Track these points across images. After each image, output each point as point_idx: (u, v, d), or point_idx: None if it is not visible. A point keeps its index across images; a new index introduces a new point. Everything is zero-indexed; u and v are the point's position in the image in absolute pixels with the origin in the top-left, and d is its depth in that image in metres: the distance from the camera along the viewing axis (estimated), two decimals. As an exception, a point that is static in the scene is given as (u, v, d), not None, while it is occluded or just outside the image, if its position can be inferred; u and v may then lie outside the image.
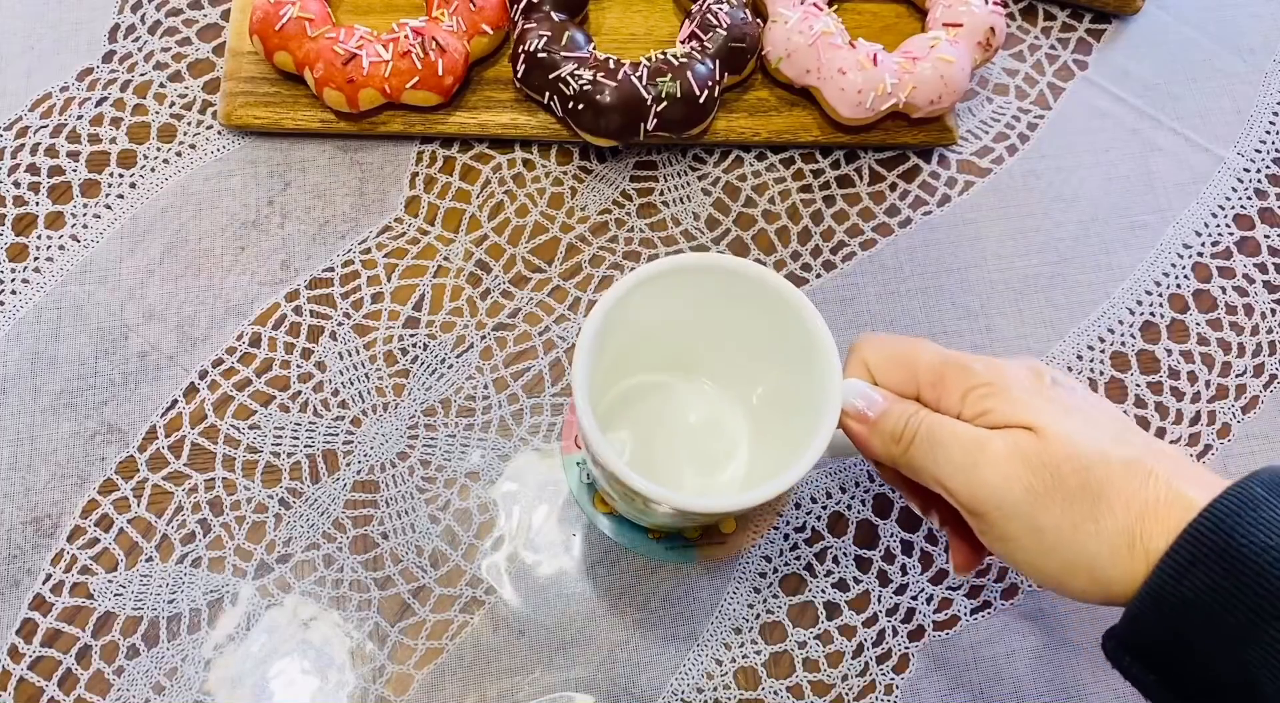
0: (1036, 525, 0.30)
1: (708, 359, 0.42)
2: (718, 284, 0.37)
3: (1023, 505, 0.31)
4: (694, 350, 0.42)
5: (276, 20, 0.46)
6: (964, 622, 0.43)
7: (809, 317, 0.36)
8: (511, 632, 0.42)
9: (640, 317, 0.37)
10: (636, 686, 0.41)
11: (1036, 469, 0.30)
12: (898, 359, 0.35)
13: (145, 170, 0.48)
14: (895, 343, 0.35)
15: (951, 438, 0.32)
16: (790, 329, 0.36)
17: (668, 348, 0.41)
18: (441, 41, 0.46)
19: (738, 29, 0.48)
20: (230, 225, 0.47)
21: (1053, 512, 0.30)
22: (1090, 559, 0.30)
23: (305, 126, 0.48)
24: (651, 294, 0.37)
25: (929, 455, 0.33)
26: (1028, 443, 0.31)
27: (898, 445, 0.33)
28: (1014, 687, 0.42)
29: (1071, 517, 0.30)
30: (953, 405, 0.33)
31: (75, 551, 0.42)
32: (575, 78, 0.46)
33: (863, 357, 0.35)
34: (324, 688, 0.40)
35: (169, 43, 0.51)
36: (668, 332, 0.40)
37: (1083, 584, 0.31)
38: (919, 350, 0.35)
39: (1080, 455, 0.30)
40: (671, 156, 0.50)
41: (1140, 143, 0.53)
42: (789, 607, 0.43)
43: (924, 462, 0.33)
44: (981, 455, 0.31)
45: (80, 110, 0.49)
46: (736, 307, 0.38)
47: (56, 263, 0.46)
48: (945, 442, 0.32)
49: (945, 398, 0.33)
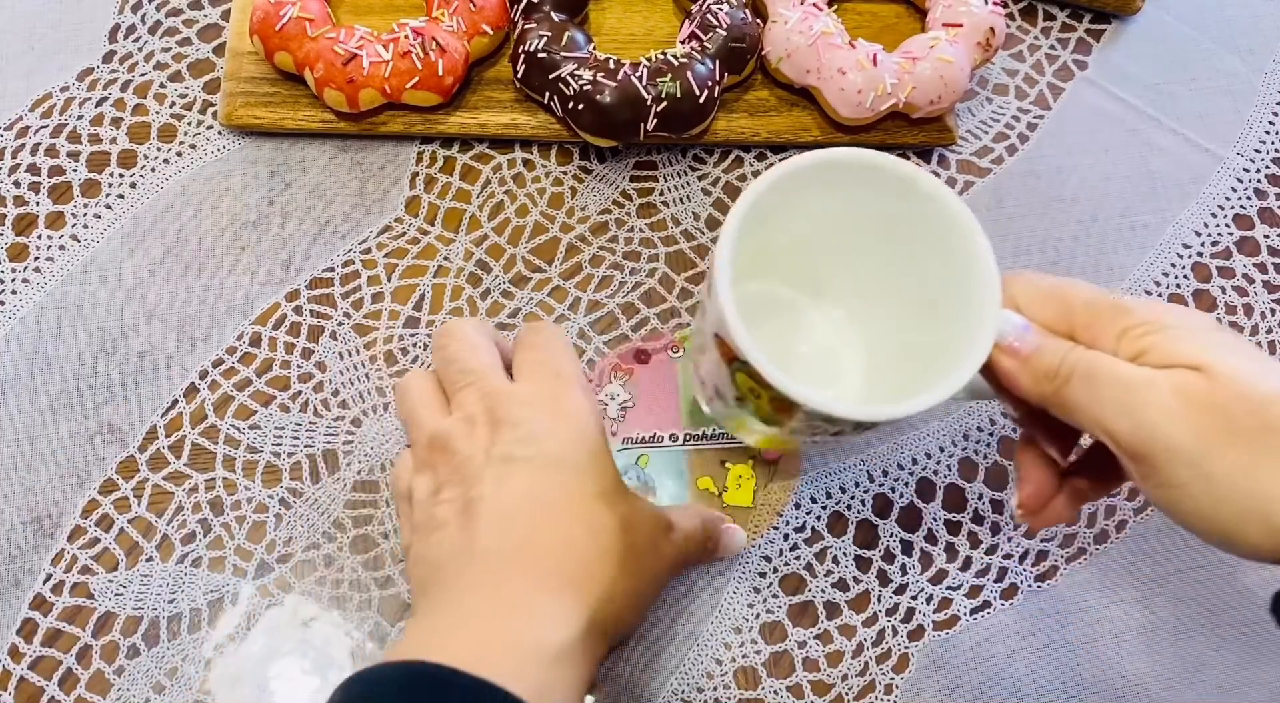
0: (1207, 471, 0.28)
1: (835, 279, 0.40)
2: (866, 188, 0.35)
3: (1193, 449, 0.28)
4: (822, 269, 0.40)
5: (277, 20, 0.46)
6: (964, 622, 0.43)
7: (970, 232, 0.33)
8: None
9: (778, 216, 0.35)
10: (636, 685, 0.41)
11: (1207, 409, 0.28)
12: (1050, 295, 0.33)
13: (145, 170, 0.48)
14: (1047, 279, 0.34)
15: (1112, 377, 0.30)
16: (942, 245, 0.34)
17: (796, 262, 0.39)
18: (442, 42, 0.47)
19: (738, 29, 0.48)
20: (230, 225, 0.47)
21: (1227, 455, 0.28)
22: (1267, 504, 0.28)
23: (305, 127, 0.48)
24: (795, 190, 0.34)
25: (1088, 395, 0.31)
26: (1195, 382, 0.29)
27: (1051, 383, 0.32)
28: (1014, 687, 0.42)
29: (1247, 459, 0.28)
30: (1109, 345, 0.31)
31: (75, 550, 0.42)
32: (575, 78, 0.46)
33: (1012, 292, 0.33)
34: (324, 688, 0.40)
35: (169, 43, 0.51)
36: (799, 244, 0.38)
37: (1257, 535, 0.28)
38: (1073, 287, 0.33)
39: (1254, 394, 0.28)
40: (671, 157, 0.50)
41: (1140, 143, 0.53)
42: (789, 606, 0.43)
43: (1082, 401, 0.31)
44: (1147, 395, 0.29)
45: (80, 110, 0.49)
46: (880, 219, 0.36)
47: (57, 263, 0.46)
48: (1106, 380, 0.30)
49: (1101, 337, 0.31)
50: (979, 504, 0.45)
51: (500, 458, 0.33)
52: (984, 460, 0.46)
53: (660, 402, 0.45)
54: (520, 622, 0.30)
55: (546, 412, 0.34)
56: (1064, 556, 0.44)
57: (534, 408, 0.34)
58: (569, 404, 0.34)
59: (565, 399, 0.34)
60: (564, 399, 0.34)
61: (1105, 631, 0.43)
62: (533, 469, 0.32)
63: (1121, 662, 0.43)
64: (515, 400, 0.34)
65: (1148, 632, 0.43)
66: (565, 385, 0.35)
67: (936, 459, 0.46)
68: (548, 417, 0.34)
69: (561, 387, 0.35)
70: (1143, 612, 0.44)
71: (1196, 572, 0.45)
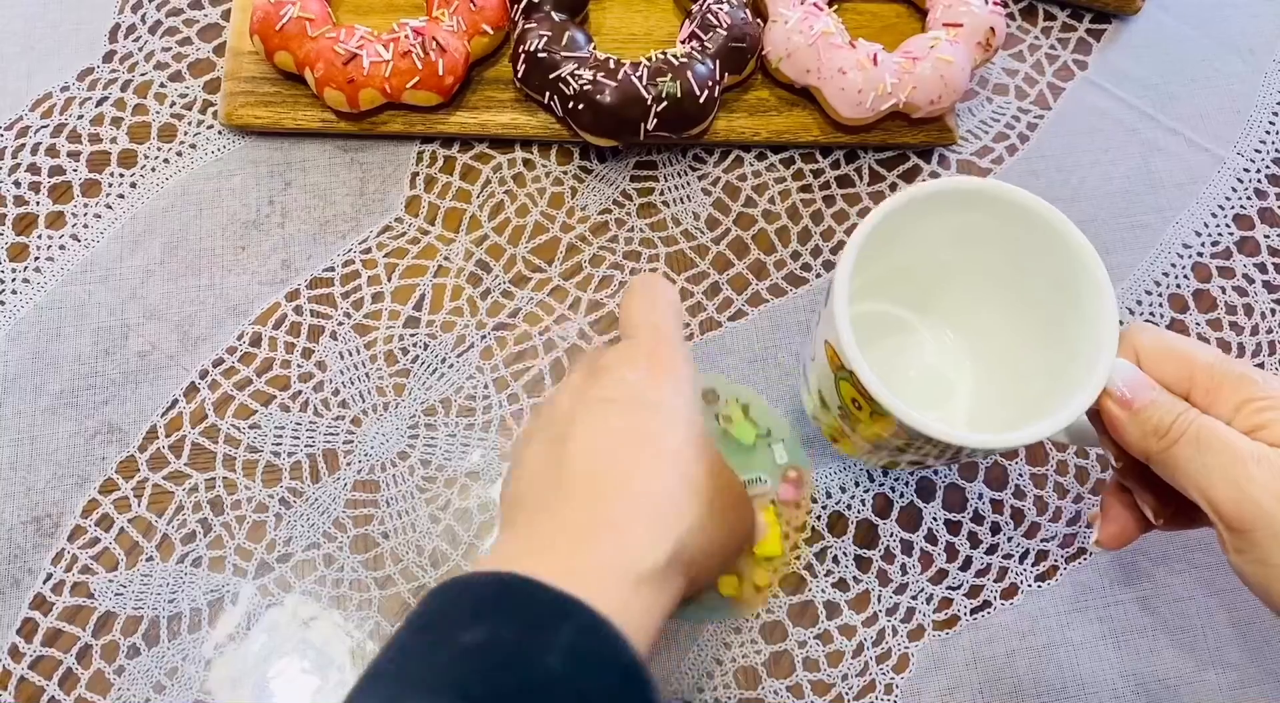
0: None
1: (949, 304, 0.40)
2: (989, 216, 0.35)
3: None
4: (937, 292, 0.40)
5: (277, 20, 0.46)
6: (964, 622, 0.43)
7: (1094, 270, 0.34)
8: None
9: (900, 238, 0.35)
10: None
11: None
12: (1173, 353, 0.33)
13: (146, 170, 0.48)
14: (1173, 337, 0.34)
15: (1225, 447, 0.30)
16: (1062, 281, 0.34)
17: (912, 284, 0.39)
18: (442, 41, 0.47)
19: (738, 29, 0.48)
20: (231, 225, 0.47)
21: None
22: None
23: (306, 126, 0.48)
24: (919, 214, 0.35)
25: (1195, 460, 0.31)
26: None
27: (1160, 441, 0.32)
28: (1013, 686, 0.42)
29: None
30: (1225, 413, 0.31)
31: (76, 550, 0.42)
32: (575, 78, 0.46)
33: (1135, 342, 0.33)
34: (324, 688, 0.40)
35: (169, 42, 0.51)
36: (916, 265, 0.38)
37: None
38: (1199, 349, 0.33)
39: None
40: (671, 156, 0.50)
41: (1140, 143, 0.53)
42: (789, 606, 0.43)
43: (1187, 465, 0.31)
44: (1255, 471, 0.30)
45: (81, 110, 0.49)
46: (1000, 248, 0.36)
47: (57, 262, 0.46)
48: (1217, 449, 0.30)
49: (1219, 404, 0.32)
50: (979, 504, 0.45)
51: (593, 400, 0.33)
52: (984, 461, 0.46)
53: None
54: (608, 542, 0.30)
55: (642, 362, 0.34)
56: (1064, 555, 0.44)
57: (628, 357, 0.34)
58: (663, 356, 0.34)
59: (659, 352, 0.34)
60: (658, 352, 0.34)
61: (1105, 631, 0.43)
62: (623, 409, 0.32)
63: (1122, 662, 0.43)
64: (612, 352, 0.35)
65: (1148, 632, 0.43)
66: (661, 339, 0.35)
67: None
68: (643, 365, 0.34)
69: (658, 340, 0.35)
70: (1143, 612, 0.44)
71: (1197, 572, 0.45)
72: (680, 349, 0.35)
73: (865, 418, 0.34)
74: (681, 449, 0.32)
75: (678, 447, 0.32)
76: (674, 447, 0.32)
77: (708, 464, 0.33)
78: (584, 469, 0.31)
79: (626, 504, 0.30)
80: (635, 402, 0.33)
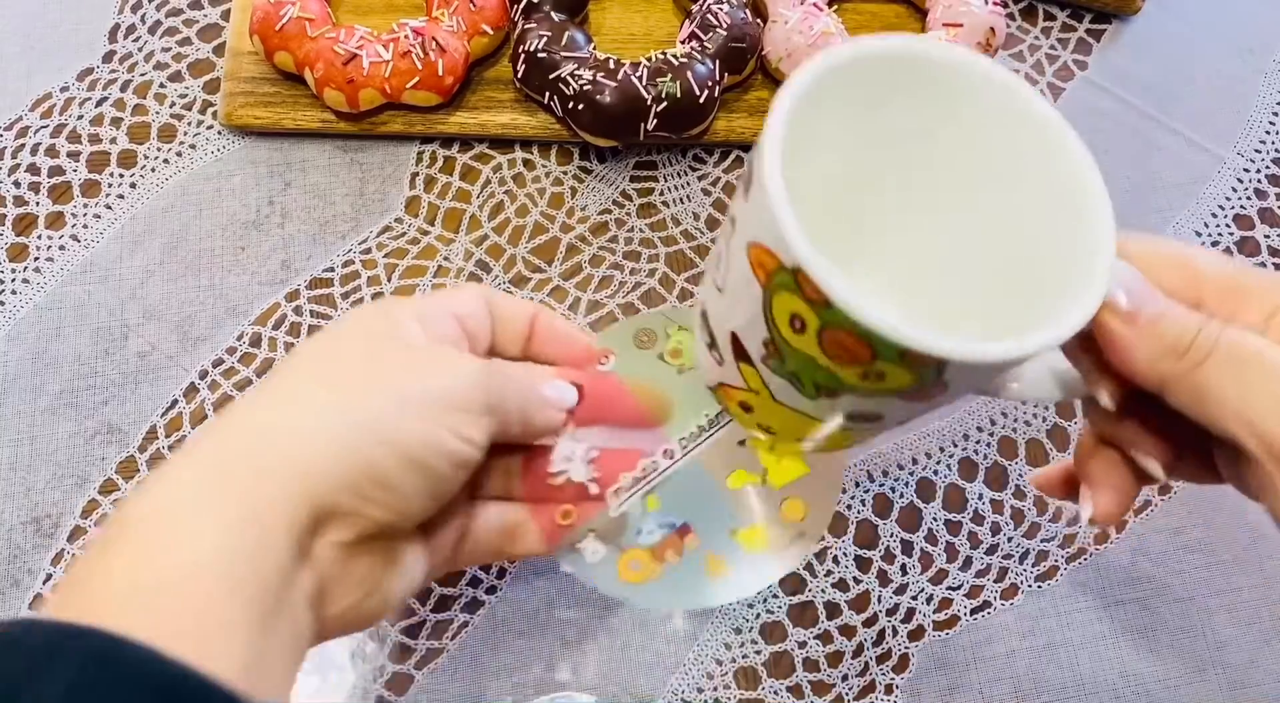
0: None
1: (897, 217, 0.31)
2: (939, 96, 0.27)
3: None
4: (879, 200, 0.31)
5: (277, 20, 0.46)
6: (964, 622, 0.43)
7: (1079, 159, 0.26)
8: (512, 632, 0.42)
9: (827, 129, 0.27)
10: (637, 686, 0.41)
11: None
12: (1173, 261, 0.27)
13: (145, 170, 0.48)
14: (1168, 242, 0.28)
15: (1268, 363, 0.24)
16: (1039, 176, 0.27)
17: (848, 191, 0.30)
18: (441, 42, 0.47)
19: (738, 29, 0.48)
20: (230, 225, 0.47)
21: None
22: None
23: (305, 126, 0.48)
24: (851, 92, 0.27)
25: (1234, 381, 0.25)
26: None
27: (1179, 361, 0.25)
28: (1014, 687, 0.42)
29: None
30: (1254, 322, 0.26)
31: (75, 550, 0.42)
32: (575, 78, 0.46)
33: (1126, 251, 0.27)
34: (324, 688, 0.40)
35: (169, 43, 0.51)
36: (845, 173, 0.29)
37: None
38: (1200, 253, 0.27)
39: None
40: (671, 157, 0.50)
41: (1140, 143, 0.53)
42: (789, 607, 0.43)
43: (1220, 389, 0.25)
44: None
45: (80, 110, 0.49)
46: (957, 137, 0.28)
47: (57, 263, 0.46)
48: (1258, 366, 0.24)
49: (1243, 313, 0.26)
50: (979, 504, 0.45)
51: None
52: (984, 461, 0.46)
53: (624, 423, 0.35)
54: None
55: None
56: (1064, 556, 0.44)
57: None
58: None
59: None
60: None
61: (1106, 631, 0.43)
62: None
63: (1123, 662, 0.43)
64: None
65: (1149, 632, 0.43)
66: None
67: (936, 459, 0.46)
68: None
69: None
70: (1144, 612, 0.44)
71: (1198, 572, 0.44)
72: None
73: (808, 343, 0.25)
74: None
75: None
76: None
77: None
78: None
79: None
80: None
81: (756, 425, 0.31)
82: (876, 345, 0.23)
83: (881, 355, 0.24)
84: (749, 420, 0.31)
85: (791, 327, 0.25)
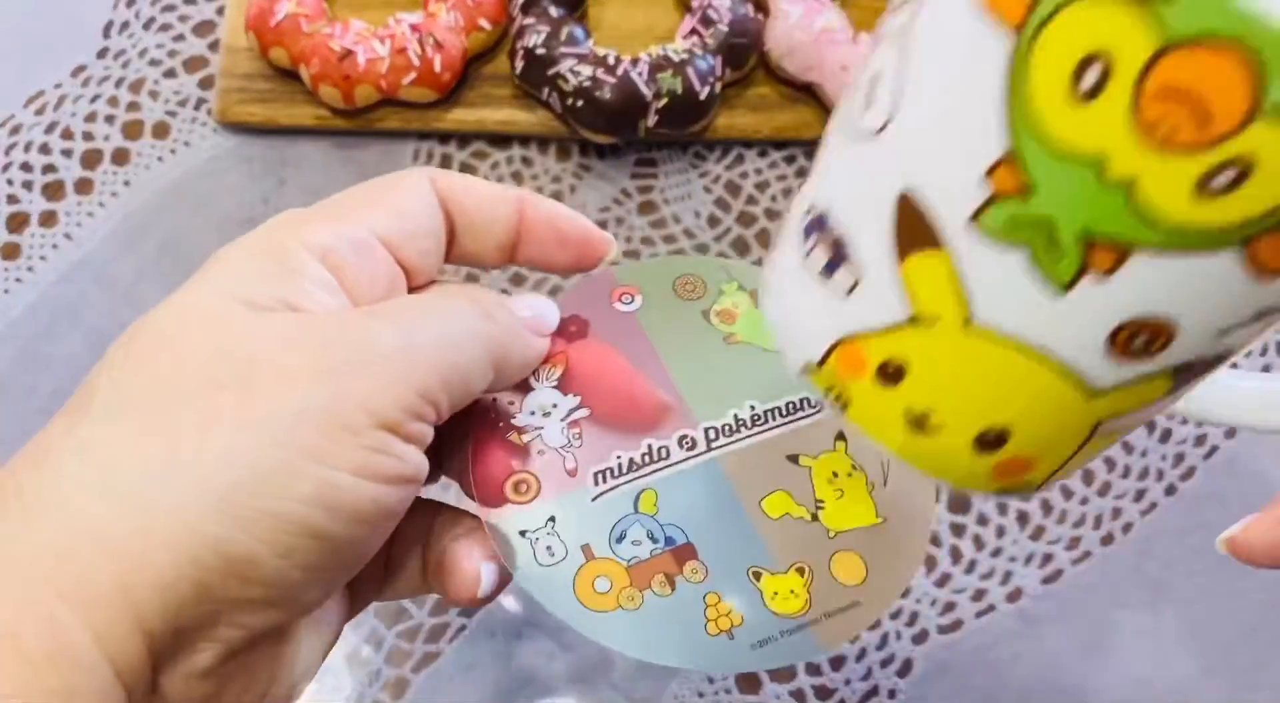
0: None
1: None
2: None
3: None
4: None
5: (272, 16, 0.46)
6: (968, 625, 0.43)
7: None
8: (509, 635, 0.41)
9: None
10: (637, 689, 0.41)
11: None
12: None
13: (139, 168, 0.48)
14: None
15: None
16: None
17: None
18: (439, 37, 0.46)
19: (739, 24, 0.48)
20: (225, 224, 0.47)
21: None
22: None
23: (301, 123, 0.48)
24: None
25: None
26: None
27: None
28: (1019, 691, 0.42)
29: None
30: None
31: (68, 553, 0.41)
32: (574, 74, 0.46)
33: None
34: (320, 691, 0.40)
35: (163, 39, 0.51)
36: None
37: None
38: None
39: None
40: (672, 154, 0.50)
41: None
42: (791, 610, 0.42)
43: None
44: None
45: (74, 107, 0.49)
46: None
47: (50, 262, 0.46)
48: None
49: None
50: (983, 506, 0.45)
51: None
52: None
53: (633, 389, 0.25)
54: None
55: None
56: (1070, 558, 0.44)
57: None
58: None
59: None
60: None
61: (1111, 634, 0.43)
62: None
63: (1128, 666, 0.42)
64: None
65: (1155, 635, 0.43)
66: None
67: (940, 460, 0.45)
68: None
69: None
70: (1150, 615, 0.43)
71: (1204, 576, 0.44)
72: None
73: (1109, 117, 0.13)
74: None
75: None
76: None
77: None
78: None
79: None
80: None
81: (900, 415, 0.18)
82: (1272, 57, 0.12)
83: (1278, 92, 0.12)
84: (885, 407, 0.18)
85: (1076, 91, 0.13)
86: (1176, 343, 0.15)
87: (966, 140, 0.15)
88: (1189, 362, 0.16)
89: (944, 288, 0.16)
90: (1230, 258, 0.14)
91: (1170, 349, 0.16)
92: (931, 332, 0.17)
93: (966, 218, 0.15)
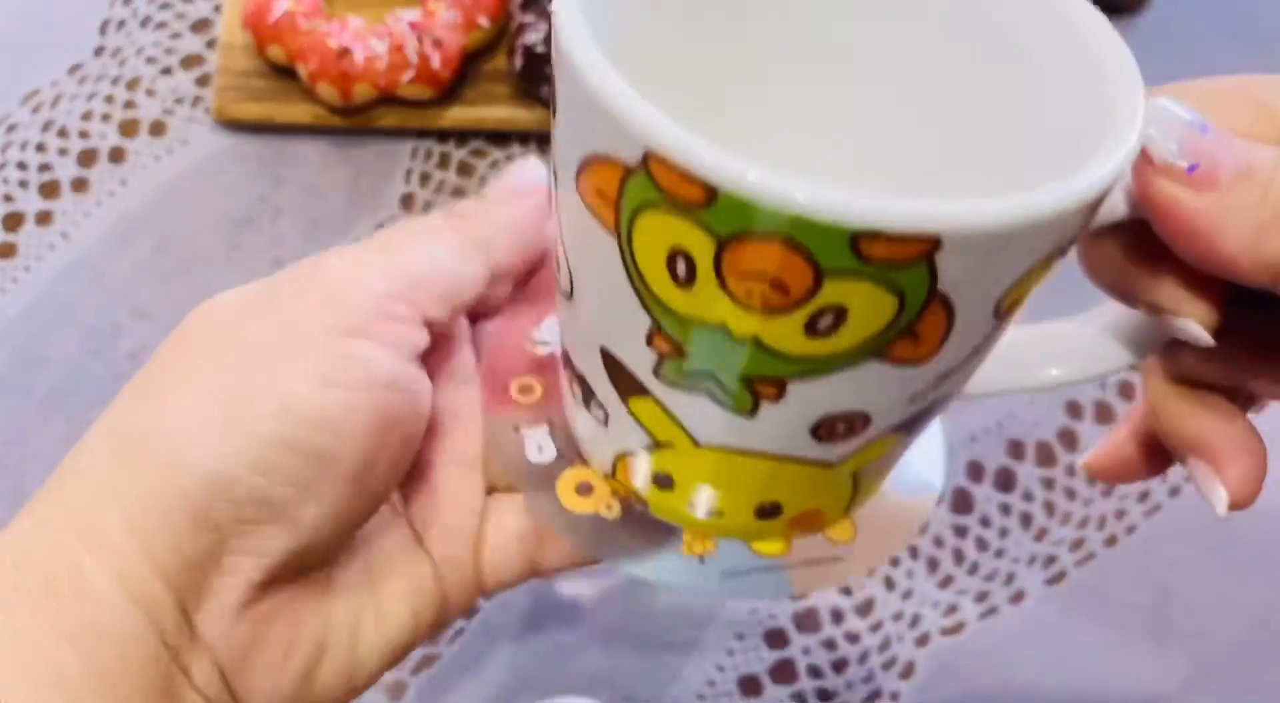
0: None
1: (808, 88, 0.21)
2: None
3: None
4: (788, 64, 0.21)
5: (269, 13, 0.46)
6: (972, 627, 0.42)
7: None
8: (508, 637, 0.41)
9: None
10: (637, 692, 0.41)
11: None
12: (1226, 94, 0.18)
13: (136, 167, 0.48)
14: (1218, 79, 0.19)
15: None
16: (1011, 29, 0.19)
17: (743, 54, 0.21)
18: (437, 35, 0.46)
19: (740, 22, 0.47)
20: (222, 222, 0.47)
21: None
22: None
23: (298, 121, 0.48)
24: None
25: None
26: None
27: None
28: (1022, 693, 0.42)
29: None
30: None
31: (64, 555, 0.41)
32: (574, 72, 0.45)
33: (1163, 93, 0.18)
34: (317, 696, 0.40)
35: (160, 37, 0.51)
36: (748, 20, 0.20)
37: None
38: (1259, 82, 0.19)
39: None
40: (672, 152, 0.50)
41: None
42: (793, 613, 0.42)
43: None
44: None
45: (70, 106, 0.49)
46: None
47: (46, 261, 0.46)
48: None
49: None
50: (986, 508, 0.44)
51: None
52: (990, 464, 0.45)
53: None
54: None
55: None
56: (1073, 560, 0.44)
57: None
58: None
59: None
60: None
61: (1115, 636, 0.43)
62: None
63: (1132, 667, 0.42)
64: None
65: (1159, 637, 0.43)
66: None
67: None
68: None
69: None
70: (1154, 617, 0.43)
71: (1208, 576, 0.44)
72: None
73: (707, 297, 0.16)
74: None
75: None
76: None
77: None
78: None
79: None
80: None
81: (685, 509, 0.21)
82: (816, 242, 0.14)
83: (828, 261, 0.14)
84: (673, 504, 0.21)
85: (675, 279, 0.16)
86: (875, 418, 0.18)
87: (623, 314, 0.17)
88: (903, 421, 0.18)
89: (665, 422, 0.19)
90: (875, 364, 0.16)
91: (873, 423, 0.18)
92: (675, 452, 0.19)
93: (650, 372, 0.18)
